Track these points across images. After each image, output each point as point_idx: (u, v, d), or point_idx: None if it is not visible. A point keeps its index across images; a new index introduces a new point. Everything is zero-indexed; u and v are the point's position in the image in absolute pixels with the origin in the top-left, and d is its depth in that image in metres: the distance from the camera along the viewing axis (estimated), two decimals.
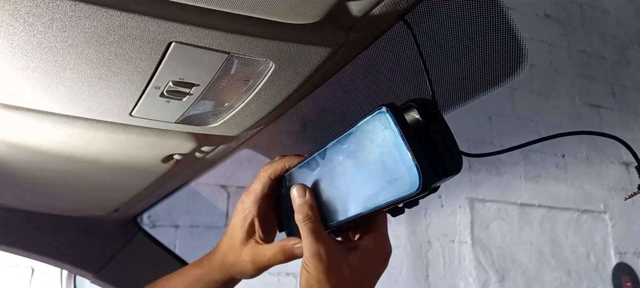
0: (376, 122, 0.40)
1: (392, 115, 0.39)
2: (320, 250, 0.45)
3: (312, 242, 0.45)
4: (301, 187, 0.48)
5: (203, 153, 0.67)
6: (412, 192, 0.38)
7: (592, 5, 3.39)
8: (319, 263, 0.44)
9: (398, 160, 0.39)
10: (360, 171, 0.42)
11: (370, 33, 0.44)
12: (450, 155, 0.41)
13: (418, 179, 0.37)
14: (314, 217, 0.46)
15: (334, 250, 0.45)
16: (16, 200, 0.90)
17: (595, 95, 3.22)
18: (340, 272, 0.45)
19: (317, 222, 0.46)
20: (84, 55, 0.40)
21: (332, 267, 0.44)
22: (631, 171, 3.19)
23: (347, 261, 0.45)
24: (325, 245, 0.45)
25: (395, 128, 0.39)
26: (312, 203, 0.47)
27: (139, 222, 1.11)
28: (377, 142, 0.40)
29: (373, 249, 0.47)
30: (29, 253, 0.99)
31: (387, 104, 0.40)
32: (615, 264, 2.94)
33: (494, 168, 2.74)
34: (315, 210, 0.47)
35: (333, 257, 0.45)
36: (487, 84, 0.53)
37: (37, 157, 0.63)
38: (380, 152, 0.40)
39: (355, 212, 0.43)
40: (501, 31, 0.47)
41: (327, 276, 0.44)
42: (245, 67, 0.44)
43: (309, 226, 0.46)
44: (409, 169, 0.38)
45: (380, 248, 0.47)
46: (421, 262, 2.46)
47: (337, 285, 0.44)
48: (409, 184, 0.38)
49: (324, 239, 0.45)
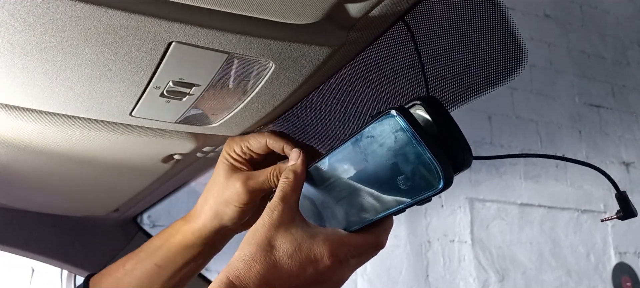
0: (386, 126, 0.40)
1: (403, 118, 0.39)
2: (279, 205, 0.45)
3: (283, 197, 0.45)
4: (298, 151, 0.49)
5: (203, 153, 0.67)
6: (435, 191, 0.38)
7: (592, 5, 3.39)
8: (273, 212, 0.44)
9: (415, 162, 0.38)
10: (374, 176, 0.42)
11: (370, 33, 0.44)
12: (462, 151, 0.41)
13: (441, 177, 0.37)
14: (295, 184, 0.46)
15: (297, 223, 0.44)
16: (16, 200, 0.90)
17: (595, 95, 3.23)
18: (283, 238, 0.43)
19: (295, 191, 0.46)
20: (84, 55, 0.40)
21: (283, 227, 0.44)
22: (631, 171, 3.19)
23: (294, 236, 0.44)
24: (290, 212, 0.45)
25: (408, 130, 0.38)
26: (301, 167, 0.47)
27: (139, 222, 1.11)
28: (389, 145, 0.40)
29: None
30: (29, 253, 0.99)
31: (396, 107, 0.40)
32: (615, 264, 2.94)
33: (494, 169, 2.74)
34: (299, 179, 0.47)
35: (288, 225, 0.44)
36: (487, 84, 0.53)
37: (37, 157, 0.63)
38: (394, 155, 0.40)
39: (374, 216, 0.43)
40: (501, 31, 0.47)
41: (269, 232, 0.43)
42: (245, 67, 0.44)
43: (285, 187, 0.46)
44: (429, 168, 0.38)
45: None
46: (421, 262, 2.46)
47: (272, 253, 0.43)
48: (431, 184, 0.38)
49: (291, 202, 0.45)
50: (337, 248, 0.43)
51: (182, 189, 0.91)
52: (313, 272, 0.42)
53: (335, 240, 0.44)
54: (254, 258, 0.42)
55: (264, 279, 0.41)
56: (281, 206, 0.45)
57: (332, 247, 0.43)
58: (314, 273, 0.42)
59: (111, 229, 1.06)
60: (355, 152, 0.43)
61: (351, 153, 0.43)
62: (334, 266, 0.43)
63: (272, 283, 0.41)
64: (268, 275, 0.42)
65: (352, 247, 0.44)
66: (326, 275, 0.43)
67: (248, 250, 0.43)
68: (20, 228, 0.96)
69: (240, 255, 0.43)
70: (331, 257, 0.43)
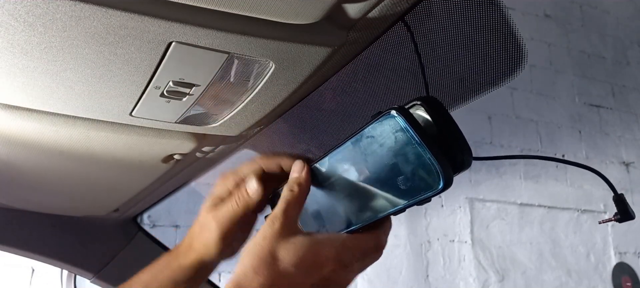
0: (386, 126, 0.40)
1: (403, 118, 0.39)
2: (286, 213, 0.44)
3: (285, 208, 0.45)
4: (301, 163, 0.48)
5: (203, 153, 0.67)
6: (435, 191, 0.38)
7: (592, 5, 3.39)
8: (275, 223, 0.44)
9: (415, 162, 0.38)
10: (373, 176, 0.42)
11: (370, 33, 0.44)
12: (462, 152, 0.41)
13: (441, 178, 0.37)
14: (299, 197, 0.46)
15: (297, 234, 0.44)
16: (16, 200, 0.90)
17: (595, 95, 3.23)
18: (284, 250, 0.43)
19: (298, 204, 0.46)
20: (84, 55, 0.40)
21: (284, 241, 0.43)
22: (631, 171, 3.19)
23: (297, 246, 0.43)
24: (290, 221, 0.44)
25: (408, 130, 0.39)
26: (306, 180, 0.47)
27: (139, 222, 1.11)
28: (389, 145, 0.40)
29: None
30: (29, 253, 0.99)
31: (396, 107, 0.40)
32: (615, 264, 2.94)
33: (494, 169, 2.74)
34: (303, 192, 0.46)
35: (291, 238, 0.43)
36: (487, 84, 0.53)
37: (37, 157, 0.63)
38: (394, 155, 0.40)
39: (374, 216, 0.43)
40: (501, 31, 0.47)
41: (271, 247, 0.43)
42: (245, 67, 0.44)
43: (290, 200, 0.45)
44: (429, 169, 0.38)
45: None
46: (421, 262, 2.46)
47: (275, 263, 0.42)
48: (430, 184, 0.38)
49: (293, 215, 0.45)
50: (340, 253, 0.43)
51: (182, 189, 0.91)
52: (318, 278, 0.42)
53: (338, 244, 0.43)
54: (256, 270, 0.42)
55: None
56: (283, 218, 0.44)
57: (335, 252, 0.43)
58: (319, 279, 0.42)
59: (111, 229, 1.06)
60: (355, 152, 0.43)
61: (351, 153, 0.43)
62: (338, 271, 0.43)
63: None
64: (271, 287, 0.41)
65: (355, 250, 0.44)
66: (331, 280, 0.43)
67: (249, 262, 0.43)
68: (20, 228, 0.96)
69: (242, 269, 0.43)
70: (335, 261, 0.43)
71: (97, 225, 1.04)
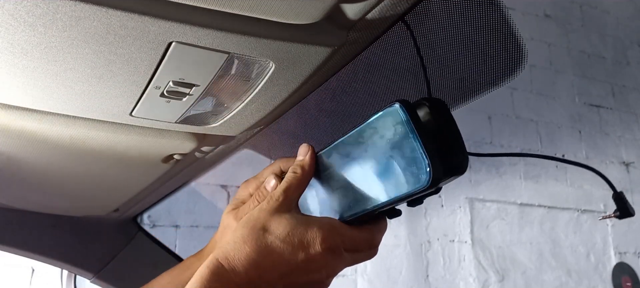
0: (388, 117, 0.40)
1: (405, 111, 0.39)
2: (287, 196, 0.45)
3: (287, 189, 0.46)
4: (307, 146, 0.49)
5: (203, 154, 0.67)
6: (420, 187, 0.38)
7: (592, 5, 3.39)
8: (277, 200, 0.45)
9: (408, 156, 0.39)
10: (369, 167, 0.43)
11: (370, 33, 0.44)
12: (458, 156, 0.41)
13: (428, 174, 0.37)
14: (301, 179, 0.47)
15: (294, 218, 0.45)
16: (16, 200, 0.90)
17: (595, 95, 3.23)
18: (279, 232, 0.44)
19: (300, 186, 0.47)
20: (84, 55, 0.40)
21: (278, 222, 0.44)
22: (631, 171, 3.19)
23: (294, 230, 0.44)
24: (290, 201, 0.46)
25: (408, 123, 0.39)
26: (309, 164, 0.48)
27: (139, 222, 1.11)
28: (388, 137, 0.40)
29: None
30: (29, 253, 0.99)
31: (400, 99, 0.40)
32: (615, 264, 2.94)
33: (494, 168, 2.74)
34: (306, 174, 0.47)
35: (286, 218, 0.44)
36: (487, 84, 0.53)
37: (37, 157, 0.63)
38: (391, 147, 0.40)
39: (364, 208, 0.44)
40: (501, 31, 0.47)
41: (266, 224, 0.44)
42: (245, 67, 0.44)
43: (291, 180, 0.46)
44: (419, 164, 0.38)
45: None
46: (421, 262, 2.46)
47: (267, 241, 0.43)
48: (419, 179, 0.38)
49: (293, 196, 0.46)
50: (329, 236, 0.44)
51: (182, 189, 0.91)
52: (304, 257, 0.42)
53: (329, 227, 0.44)
54: (245, 240, 0.42)
55: (254, 262, 0.41)
56: (282, 196, 0.45)
57: (324, 234, 0.43)
58: (305, 259, 0.42)
59: (111, 229, 1.06)
60: (358, 143, 0.44)
61: (354, 143, 0.44)
62: (325, 253, 0.43)
63: (262, 266, 0.41)
64: (258, 258, 0.41)
65: (345, 237, 0.45)
66: (317, 263, 0.43)
67: (240, 232, 0.43)
68: (20, 228, 0.96)
69: (232, 238, 0.43)
70: (323, 242, 0.43)
71: (97, 225, 1.04)
